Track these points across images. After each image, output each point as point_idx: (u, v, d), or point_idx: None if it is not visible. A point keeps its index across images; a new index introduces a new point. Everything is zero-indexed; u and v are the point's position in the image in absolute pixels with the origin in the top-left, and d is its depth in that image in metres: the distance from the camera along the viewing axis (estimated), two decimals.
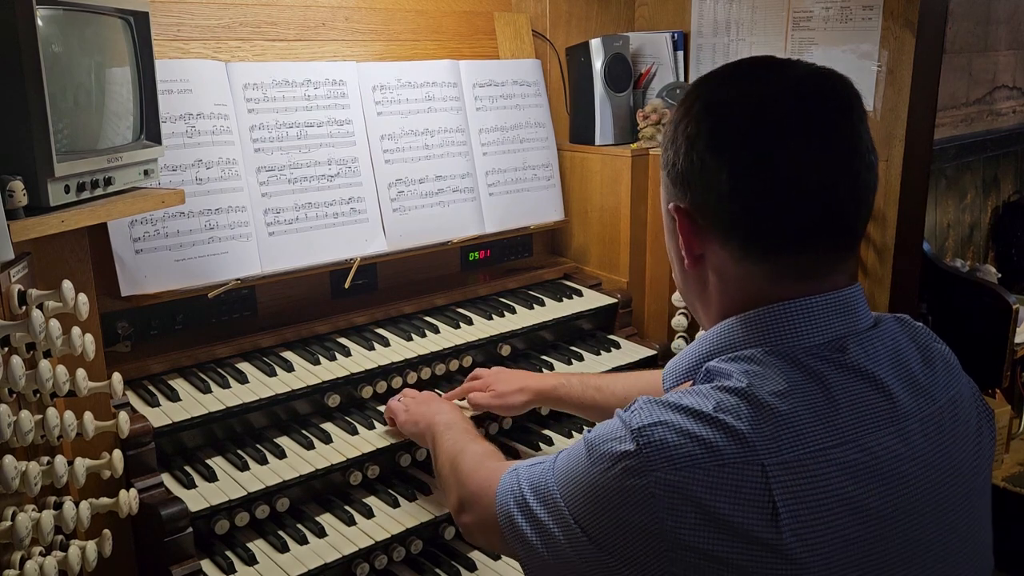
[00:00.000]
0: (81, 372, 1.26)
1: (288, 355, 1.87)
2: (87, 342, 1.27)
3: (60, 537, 1.26)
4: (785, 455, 0.92)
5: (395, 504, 1.69)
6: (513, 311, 2.19)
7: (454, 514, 1.34)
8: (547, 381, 1.80)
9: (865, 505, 0.93)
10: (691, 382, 1.06)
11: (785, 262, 1.02)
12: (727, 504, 0.90)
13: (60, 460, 1.19)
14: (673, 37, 2.55)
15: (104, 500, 1.32)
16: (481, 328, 2.07)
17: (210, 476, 1.58)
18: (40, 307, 1.22)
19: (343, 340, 1.95)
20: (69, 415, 1.23)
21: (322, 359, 1.85)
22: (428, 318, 2.10)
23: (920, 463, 0.99)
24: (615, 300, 2.31)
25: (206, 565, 1.50)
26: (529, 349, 2.16)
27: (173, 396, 1.67)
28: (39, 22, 1.20)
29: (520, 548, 1.10)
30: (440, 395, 1.88)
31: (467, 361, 2.00)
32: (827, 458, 0.93)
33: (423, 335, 1.99)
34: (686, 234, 1.06)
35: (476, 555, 1.72)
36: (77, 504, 1.24)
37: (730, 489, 0.90)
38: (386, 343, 1.95)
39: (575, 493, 1.01)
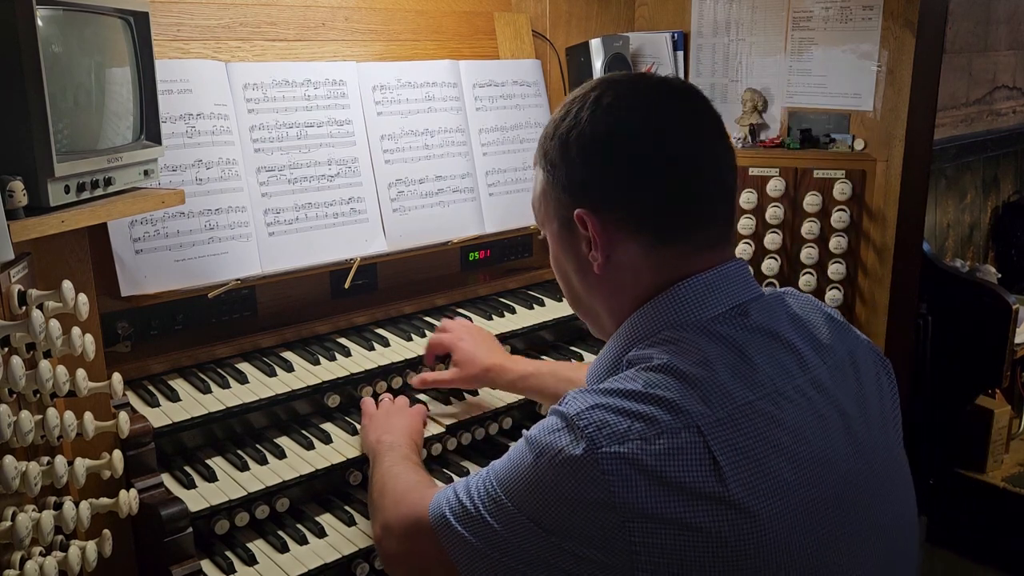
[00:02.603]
0: (81, 372, 1.26)
1: (288, 355, 1.87)
2: (87, 342, 1.27)
3: (60, 537, 1.26)
4: (717, 414, 0.99)
5: None
6: (513, 311, 2.19)
7: (377, 541, 1.33)
8: (516, 368, 1.78)
9: (795, 451, 1.01)
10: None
11: (694, 238, 1.13)
12: (673, 468, 0.96)
13: (60, 460, 1.19)
14: (673, 37, 2.55)
15: (104, 500, 1.32)
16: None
17: (210, 476, 1.58)
18: (40, 307, 1.22)
19: (343, 340, 1.95)
20: (69, 415, 1.23)
21: (322, 359, 1.85)
22: (428, 318, 2.10)
23: (836, 407, 1.08)
24: None
25: (206, 565, 1.50)
26: (529, 349, 2.16)
27: (173, 396, 1.67)
28: (39, 22, 1.20)
29: (462, 555, 1.10)
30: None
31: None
32: (754, 410, 1.01)
33: (423, 335, 1.99)
34: (600, 236, 1.12)
35: None
36: (77, 504, 1.24)
37: (673, 454, 0.96)
38: (386, 343, 1.95)
39: (522, 489, 1.04)
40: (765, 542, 0.96)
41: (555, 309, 2.22)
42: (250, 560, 1.52)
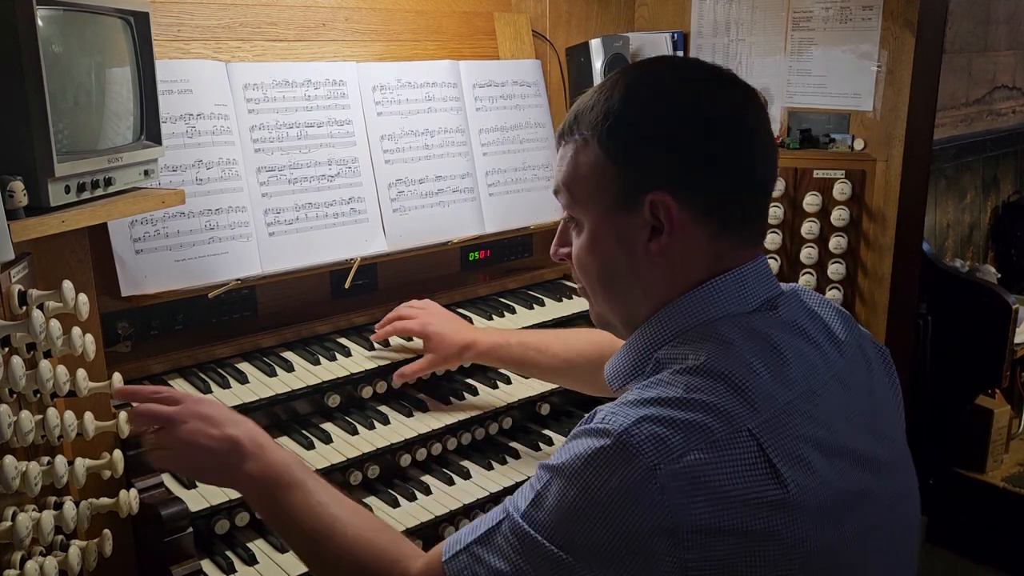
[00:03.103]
0: (81, 372, 1.27)
1: (288, 355, 1.87)
2: (87, 342, 1.27)
3: (60, 537, 1.26)
4: (763, 415, 0.97)
5: (395, 504, 1.69)
6: (513, 311, 2.19)
7: None
8: (487, 339, 1.83)
9: (829, 444, 1.01)
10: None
11: (748, 231, 1.13)
12: (733, 480, 0.93)
13: (60, 460, 1.19)
14: (673, 37, 2.55)
15: (104, 500, 1.32)
16: None
17: None
18: (40, 307, 1.22)
19: (343, 340, 1.96)
20: (69, 415, 1.23)
21: (322, 359, 1.85)
22: None
23: (856, 401, 1.09)
24: None
25: (206, 565, 1.50)
26: None
27: None
28: (39, 22, 1.20)
29: None
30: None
31: (467, 361, 2.00)
32: (793, 409, 1.00)
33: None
34: (675, 222, 1.06)
35: None
36: (77, 504, 1.25)
37: (731, 464, 0.93)
38: (386, 343, 1.95)
39: (567, 526, 0.96)
40: (812, 538, 0.95)
41: (555, 309, 2.22)
42: (250, 560, 1.52)
